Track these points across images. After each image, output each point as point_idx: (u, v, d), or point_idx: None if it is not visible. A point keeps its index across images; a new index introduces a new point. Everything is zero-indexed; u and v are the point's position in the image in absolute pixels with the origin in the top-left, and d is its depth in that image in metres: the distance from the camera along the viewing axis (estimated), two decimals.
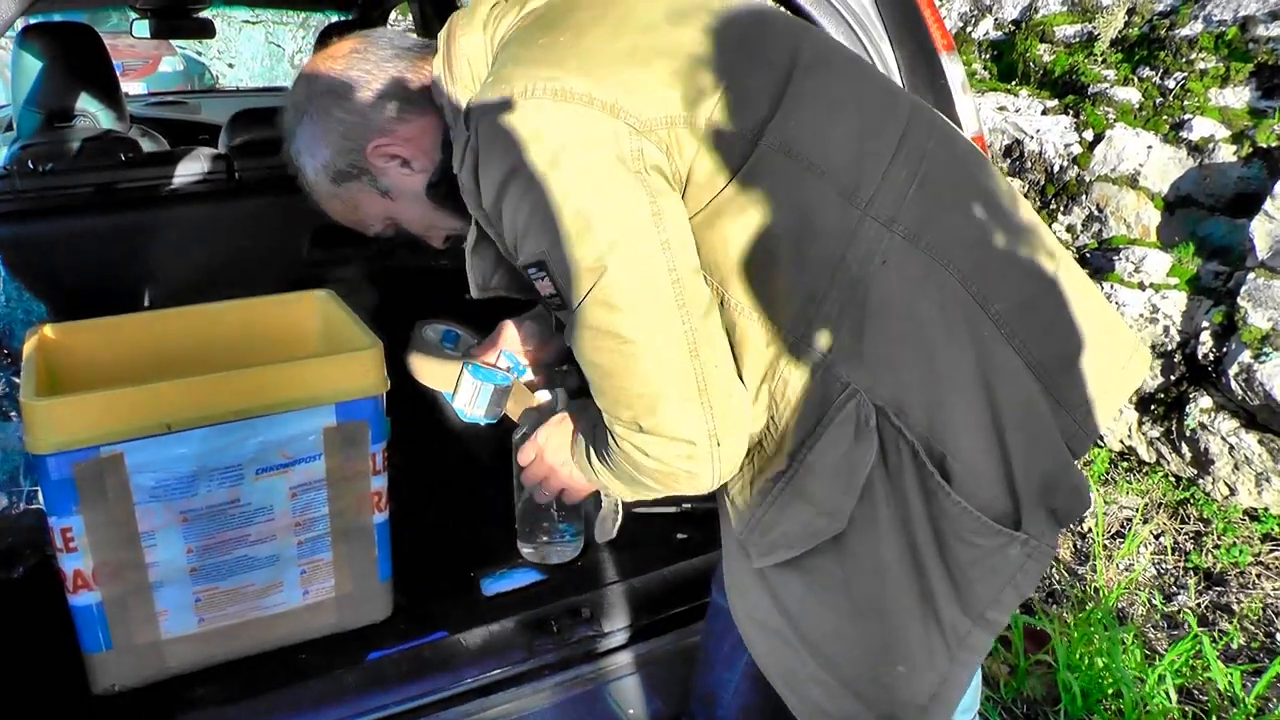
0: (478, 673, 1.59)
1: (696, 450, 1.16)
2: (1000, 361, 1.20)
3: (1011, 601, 1.24)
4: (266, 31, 12.71)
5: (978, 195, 1.27)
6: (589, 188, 1.11)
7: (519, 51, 1.20)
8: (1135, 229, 3.58)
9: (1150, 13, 3.84)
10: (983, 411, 1.18)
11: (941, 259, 1.19)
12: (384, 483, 1.65)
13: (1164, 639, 2.71)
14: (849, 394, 1.16)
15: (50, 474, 1.42)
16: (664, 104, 1.14)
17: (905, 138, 1.23)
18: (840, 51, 1.34)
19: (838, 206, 1.17)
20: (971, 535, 1.18)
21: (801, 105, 1.20)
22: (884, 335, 1.17)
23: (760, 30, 1.26)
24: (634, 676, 1.65)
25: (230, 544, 1.56)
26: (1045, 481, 1.21)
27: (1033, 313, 1.23)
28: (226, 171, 2.35)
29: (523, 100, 1.12)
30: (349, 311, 1.77)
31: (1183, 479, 3.32)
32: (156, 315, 1.82)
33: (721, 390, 1.16)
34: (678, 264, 1.13)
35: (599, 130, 1.12)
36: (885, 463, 1.18)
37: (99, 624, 1.52)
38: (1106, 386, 1.29)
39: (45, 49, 2.91)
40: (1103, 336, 1.30)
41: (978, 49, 4.49)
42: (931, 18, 1.93)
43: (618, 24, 1.20)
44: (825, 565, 1.24)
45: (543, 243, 1.13)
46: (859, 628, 1.26)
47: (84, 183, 2.25)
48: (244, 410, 1.50)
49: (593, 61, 1.15)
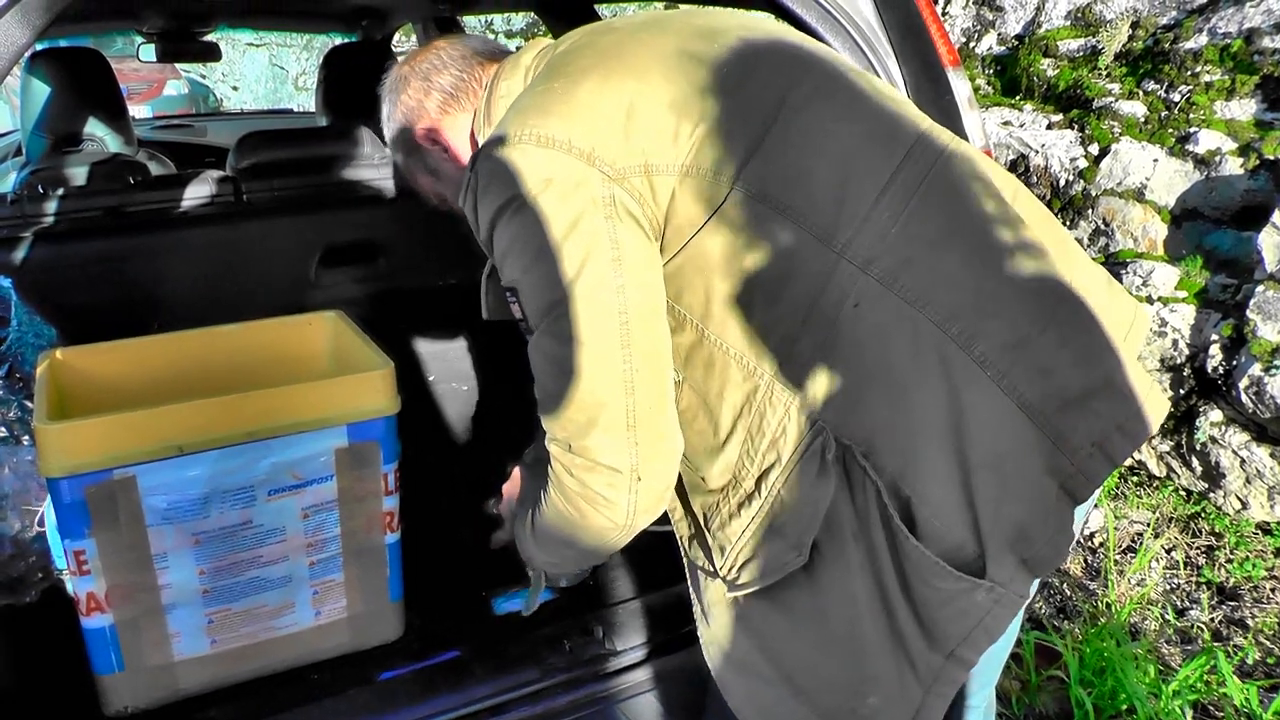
0: (490, 692, 1.59)
1: (618, 480, 1.23)
2: (978, 405, 1.18)
3: (983, 642, 1.23)
4: (270, 54, 12.77)
5: (977, 228, 1.25)
6: (557, 228, 1.19)
7: (522, 99, 1.30)
8: (1142, 242, 3.58)
9: (1154, 26, 3.84)
10: (950, 457, 1.17)
11: (918, 301, 1.19)
12: (395, 503, 1.65)
13: (1177, 654, 2.69)
14: (816, 430, 1.21)
15: (63, 497, 1.42)
16: (641, 152, 1.21)
17: (901, 170, 1.24)
18: (842, 83, 1.33)
19: (813, 250, 1.21)
20: (933, 579, 1.19)
21: (783, 149, 1.23)
22: (854, 377, 1.20)
23: (752, 72, 1.28)
24: (647, 695, 1.64)
25: (242, 565, 1.56)
26: (1018, 530, 1.19)
27: (1025, 352, 1.20)
28: (234, 193, 2.36)
29: (513, 145, 1.22)
30: (359, 332, 1.77)
31: (1193, 493, 3.30)
32: (167, 338, 1.82)
33: (651, 431, 1.23)
34: (630, 307, 1.20)
35: (573, 175, 1.19)
36: (853, 501, 1.21)
37: (111, 646, 1.52)
38: (1130, 419, 1.23)
39: (53, 74, 2.92)
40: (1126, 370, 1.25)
41: (981, 64, 4.49)
42: (937, 33, 1.93)
43: (609, 73, 1.26)
44: (798, 598, 1.28)
45: (515, 271, 1.23)
46: (832, 660, 1.28)
47: (93, 206, 2.25)
48: (256, 432, 1.50)
49: (578, 110, 1.23)
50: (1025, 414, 1.18)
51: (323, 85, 3.47)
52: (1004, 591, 1.19)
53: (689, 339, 1.27)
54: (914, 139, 1.28)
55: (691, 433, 1.31)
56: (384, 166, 2.48)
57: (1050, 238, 1.30)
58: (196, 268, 2.27)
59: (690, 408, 1.30)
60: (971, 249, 1.23)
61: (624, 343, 1.21)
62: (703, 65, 1.26)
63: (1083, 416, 1.19)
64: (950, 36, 4.44)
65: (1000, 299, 1.22)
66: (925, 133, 1.30)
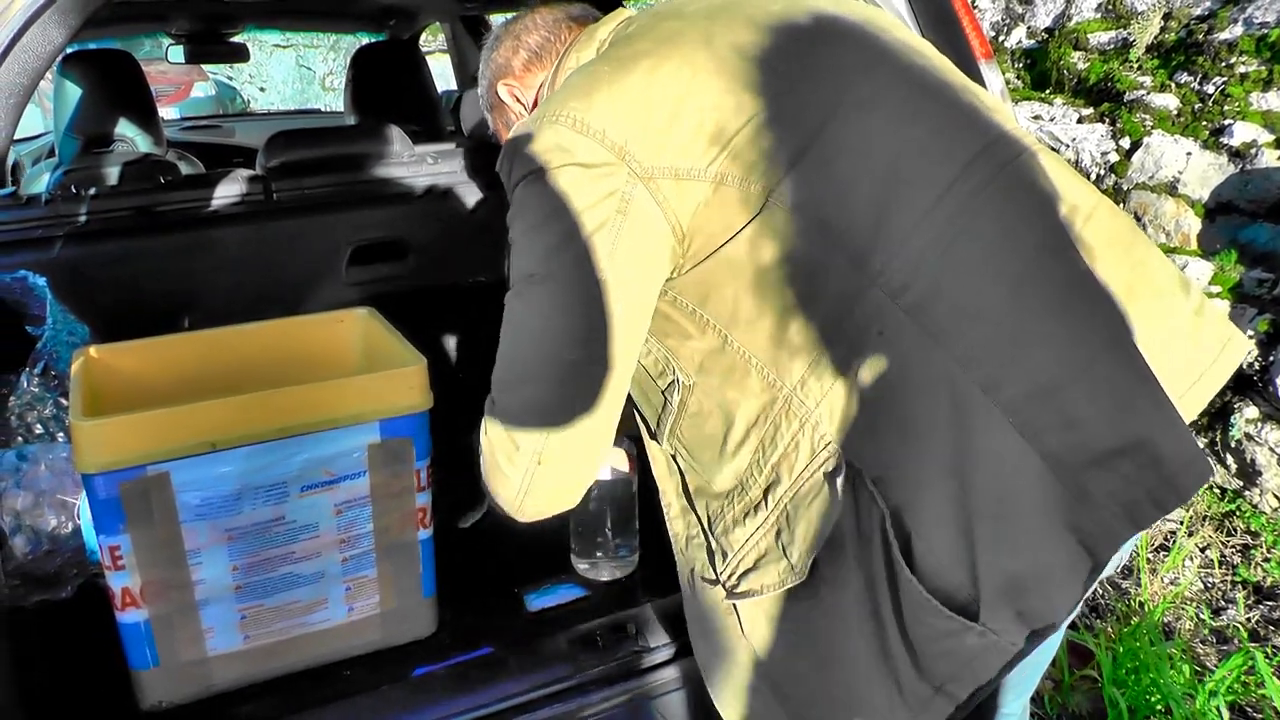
0: (523, 688, 1.58)
1: (516, 456, 1.23)
2: (990, 452, 1.13)
3: (970, 682, 1.19)
4: (297, 55, 12.86)
5: (1029, 255, 1.18)
6: (566, 207, 1.20)
7: (575, 74, 1.31)
8: (1175, 237, 3.54)
9: (1187, 17, 3.80)
10: (952, 502, 1.14)
11: (942, 337, 1.14)
12: (428, 499, 1.65)
13: (1213, 654, 2.66)
14: (828, 451, 1.19)
15: (98, 493, 1.42)
16: (676, 154, 1.20)
17: (955, 185, 1.18)
18: (907, 82, 1.27)
19: (844, 271, 1.17)
20: (925, 615, 1.16)
21: (827, 161, 1.19)
22: (868, 405, 1.17)
23: (808, 73, 1.24)
24: (679, 692, 1.64)
25: (275, 561, 1.57)
26: (1012, 582, 1.14)
27: (1052, 401, 1.13)
28: (264, 192, 2.37)
29: (551, 121, 1.23)
30: (391, 329, 1.77)
31: (1228, 490, 3.27)
32: (199, 335, 1.83)
33: (573, 427, 1.22)
34: (607, 298, 1.20)
35: (600, 165, 1.20)
36: (858, 525, 1.18)
37: (146, 641, 1.52)
38: (1161, 486, 1.13)
39: (85, 76, 2.95)
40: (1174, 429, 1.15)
41: (1010, 58, 4.46)
42: (970, 26, 1.92)
43: (661, 62, 1.24)
44: (794, 612, 1.27)
45: (515, 232, 1.25)
46: (821, 676, 1.27)
47: (125, 206, 2.27)
48: (288, 428, 1.50)
49: (620, 100, 1.22)
50: (1048, 464, 1.12)
51: (351, 84, 3.49)
52: (995, 639, 1.15)
53: (710, 344, 1.25)
54: (979, 147, 1.22)
55: (702, 436, 1.30)
56: (413, 165, 2.49)
57: (1126, 265, 1.23)
58: (227, 266, 2.28)
59: (702, 412, 1.28)
60: (1018, 279, 1.17)
61: (576, 339, 1.21)
62: (758, 64, 1.23)
63: (1109, 477, 1.12)
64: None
65: (1036, 339, 1.15)
66: (994, 140, 1.24)
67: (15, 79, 1.30)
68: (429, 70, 3.59)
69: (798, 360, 1.19)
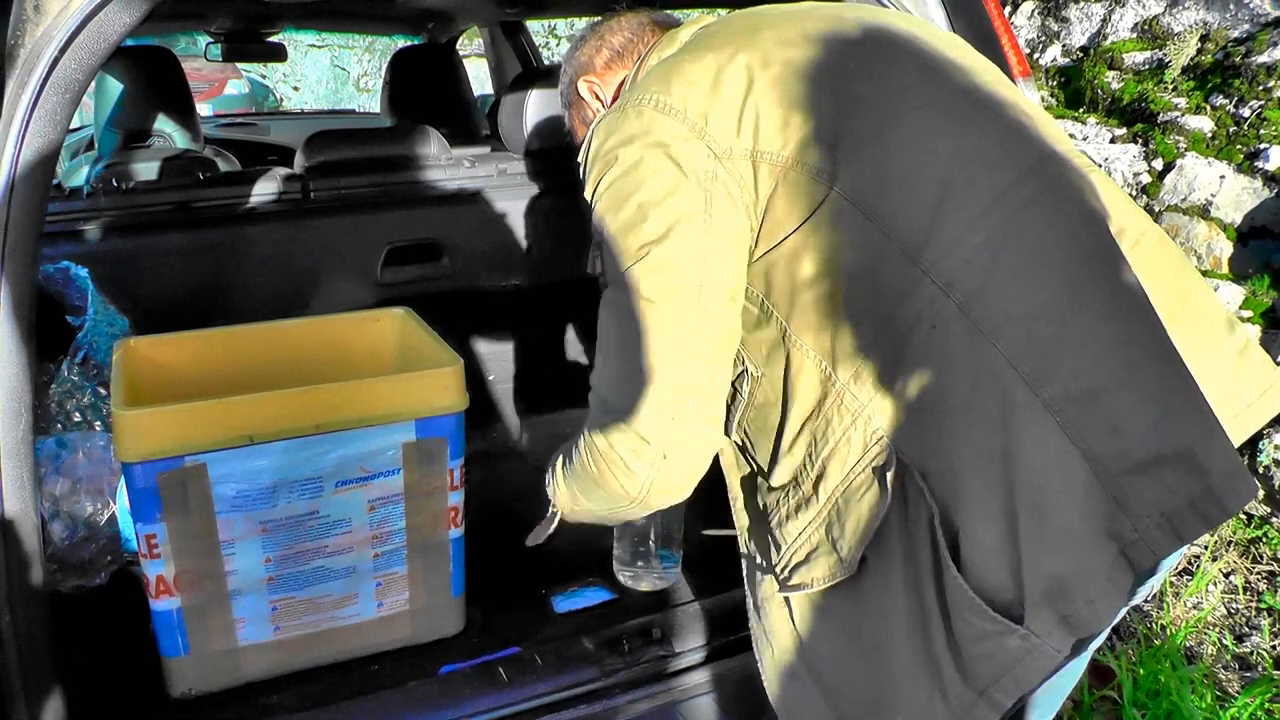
0: (548, 689, 1.59)
1: (644, 450, 1.22)
2: (1035, 449, 1.12)
3: (1012, 689, 1.17)
4: (332, 55, 12.94)
5: (1076, 262, 1.18)
6: (657, 188, 1.22)
7: (653, 71, 1.35)
8: (1206, 260, 3.52)
9: (1225, 39, 3.78)
10: (998, 500, 1.13)
11: (992, 332, 1.14)
12: (460, 499, 1.66)
13: (1235, 680, 2.64)
14: (880, 445, 1.19)
15: (136, 482, 1.45)
16: (751, 136, 1.23)
17: (1008, 193, 1.19)
18: (967, 91, 1.29)
19: (899, 264, 1.18)
20: (969, 614, 1.15)
21: (886, 155, 1.21)
22: (918, 400, 1.17)
23: (874, 70, 1.28)
24: (705, 698, 1.64)
25: (308, 555, 1.58)
26: (1054, 585, 1.12)
27: (1097, 404, 1.12)
28: (301, 191, 2.39)
29: (633, 107, 1.27)
30: (428, 329, 1.79)
31: (1254, 516, 3.24)
32: (237, 330, 1.85)
33: (694, 412, 1.23)
34: (708, 280, 1.21)
35: (682, 144, 1.23)
36: (906, 521, 1.19)
37: (178, 629, 1.54)
38: (1205, 499, 1.11)
39: (125, 72, 2.99)
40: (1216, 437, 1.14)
41: (1045, 75, 4.45)
42: (1008, 43, 1.92)
43: (735, 52, 1.28)
44: (840, 606, 1.28)
45: (605, 224, 1.26)
46: (863, 669, 1.28)
47: (164, 201, 2.30)
48: (325, 424, 1.52)
49: (697, 83, 1.26)
50: (1090, 466, 1.11)
51: (388, 86, 3.52)
52: (1039, 642, 1.13)
53: (773, 334, 1.27)
54: (1034, 160, 1.23)
55: (764, 428, 1.31)
56: (449, 167, 2.51)
57: (1170, 293, 1.23)
58: (263, 262, 2.31)
59: (767, 404, 1.30)
60: (1068, 283, 1.17)
61: (695, 313, 1.21)
62: (827, 63, 1.27)
63: (1150, 485, 1.11)
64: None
65: (1083, 341, 1.15)
66: (1048, 155, 1.25)
67: (72, 75, 1.33)
68: (466, 74, 3.62)
69: (852, 354, 1.20)
